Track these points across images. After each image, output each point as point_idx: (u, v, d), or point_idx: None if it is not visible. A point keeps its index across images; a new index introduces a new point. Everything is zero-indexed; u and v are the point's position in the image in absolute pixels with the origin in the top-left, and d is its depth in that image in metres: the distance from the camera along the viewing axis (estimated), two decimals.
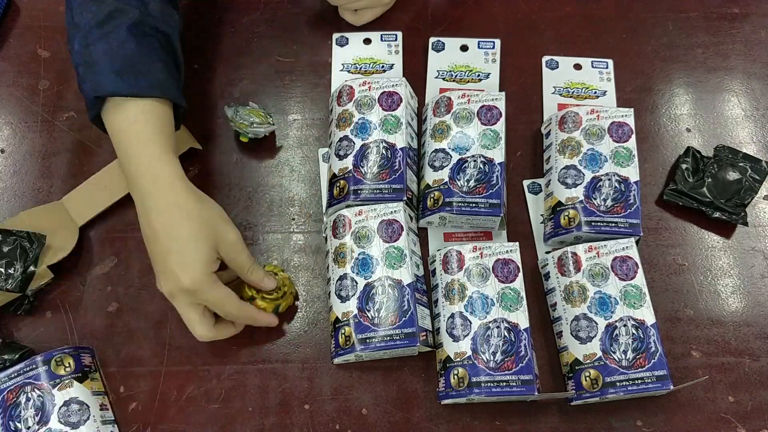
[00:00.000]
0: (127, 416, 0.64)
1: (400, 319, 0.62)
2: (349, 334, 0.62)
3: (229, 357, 0.66)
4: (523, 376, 0.61)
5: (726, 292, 0.69)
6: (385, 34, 0.80)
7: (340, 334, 0.63)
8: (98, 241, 0.71)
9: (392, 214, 0.66)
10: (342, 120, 0.72)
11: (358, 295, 0.63)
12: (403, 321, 0.62)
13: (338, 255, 0.66)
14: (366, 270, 0.64)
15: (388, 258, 0.64)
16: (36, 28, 0.82)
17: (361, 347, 0.61)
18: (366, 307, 0.63)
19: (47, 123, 0.77)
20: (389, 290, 0.63)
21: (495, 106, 0.72)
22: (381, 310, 0.62)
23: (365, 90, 0.72)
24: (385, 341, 0.61)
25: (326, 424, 0.64)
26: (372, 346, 0.61)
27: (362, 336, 0.62)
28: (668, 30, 0.83)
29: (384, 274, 0.64)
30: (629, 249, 0.65)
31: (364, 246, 0.65)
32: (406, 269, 0.64)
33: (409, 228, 0.67)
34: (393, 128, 0.70)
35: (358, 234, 0.65)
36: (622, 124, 0.71)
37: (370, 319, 0.62)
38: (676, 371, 0.65)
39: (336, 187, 0.69)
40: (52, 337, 0.67)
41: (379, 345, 0.61)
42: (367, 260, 0.64)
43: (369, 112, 0.71)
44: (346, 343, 0.62)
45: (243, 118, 0.72)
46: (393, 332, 0.61)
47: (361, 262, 0.64)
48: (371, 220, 0.66)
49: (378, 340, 0.61)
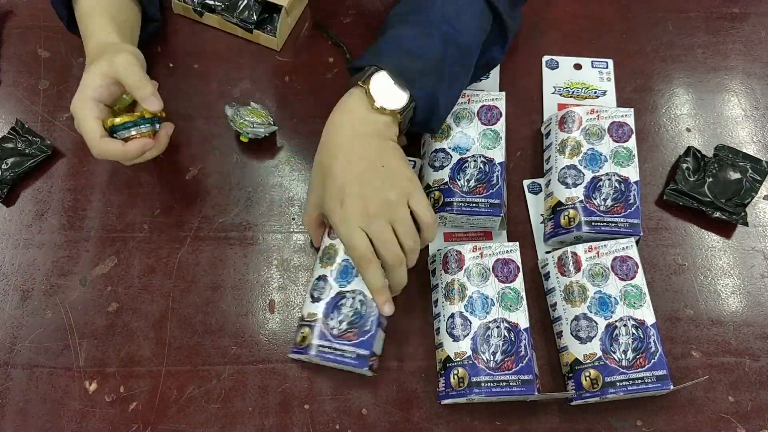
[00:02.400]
0: (127, 416, 0.64)
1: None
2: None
3: (229, 357, 0.66)
4: (523, 376, 0.61)
5: (726, 292, 0.69)
6: None
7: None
8: (98, 241, 0.71)
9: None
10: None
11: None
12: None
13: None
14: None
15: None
16: (36, 28, 0.82)
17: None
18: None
19: (47, 123, 0.77)
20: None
21: (495, 106, 0.72)
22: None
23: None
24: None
25: (326, 424, 0.63)
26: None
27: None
28: (668, 30, 0.83)
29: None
30: (629, 249, 0.65)
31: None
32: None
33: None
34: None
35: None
36: (622, 124, 0.71)
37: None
38: (676, 371, 0.65)
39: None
40: (52, 337, 0.67)
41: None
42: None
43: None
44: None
45: (243, 118, 0.72)
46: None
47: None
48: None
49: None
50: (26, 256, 0.70)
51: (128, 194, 0.73)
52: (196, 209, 0.73)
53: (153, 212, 0.72)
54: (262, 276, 0.70)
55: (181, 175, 0.74)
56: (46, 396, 0.64)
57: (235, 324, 0.68)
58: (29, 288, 0.69)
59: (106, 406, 0.64)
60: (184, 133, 0.76)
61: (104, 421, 0.63)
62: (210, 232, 0.72)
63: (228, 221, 0.72)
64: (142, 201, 0.73)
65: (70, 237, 0.71)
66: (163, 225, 0.72)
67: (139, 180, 0.74)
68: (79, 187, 0.74)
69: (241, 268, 0.70)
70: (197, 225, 0.72)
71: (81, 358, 0.66)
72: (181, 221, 0.72)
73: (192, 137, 0.76)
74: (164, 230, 0.72)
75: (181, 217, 0.72)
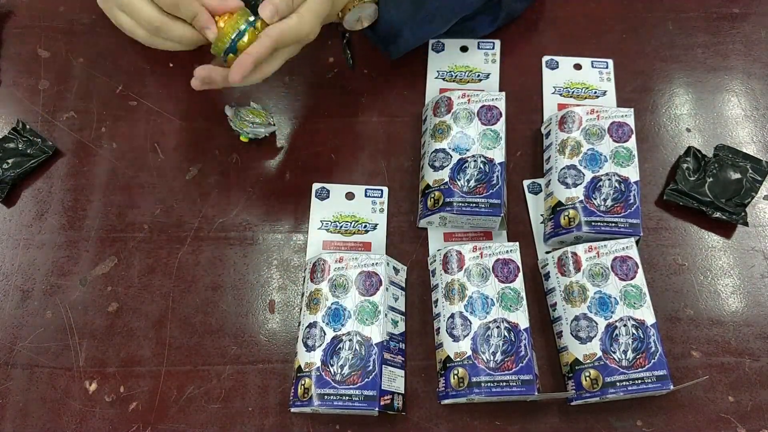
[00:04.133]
0: (127, 416, 0.64)
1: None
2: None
3: (229, 357, 0.66)
4: (523, 376, 0.61)
5: (726, 292, 0.69)
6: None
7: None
8: (98, 241, 0.71)
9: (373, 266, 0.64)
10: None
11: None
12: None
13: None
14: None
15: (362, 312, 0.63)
16: (36, 28, 0.82)
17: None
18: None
19: (47, 123, 0.77)
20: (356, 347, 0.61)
21: (495, 106, 0.72)
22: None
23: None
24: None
25: (326, 424, 0.63)
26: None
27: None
28: (668, 30, 0.83)
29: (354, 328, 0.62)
30: (629, 249, 0.65)
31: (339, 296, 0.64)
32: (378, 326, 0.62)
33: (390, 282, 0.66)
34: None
35: (335, 282, 0.64)
36: (622, 124, 0.71)
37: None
38: (676, 371, 0.65)
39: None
40: (52, 337, 0.67)
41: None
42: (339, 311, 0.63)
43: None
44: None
45: (243, 118, 0.72)
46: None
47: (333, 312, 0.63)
48: (351, 269, 0.64)
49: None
50: (26, 256, 0.70)
51: (128, 194, 0.73)
52: (196, 209, 0.73)
53: (153, 212, 0.72)
54: (262, 276, 0.70)
55: (181, 175, 0.74)
56: (46, 396, 0.64)
57: (235, 324, 0.68)
58: (29, 288, 0.69)
59: (106, 406, 0.64)
60: (184, 133, 0.76)
61: (104, 421, 0.63)
62: (210, 232, 0.72)
63: (228, 221, 0.72)
64: (142, 201, 0.73)
65: (70, 237, 0.71)
66: (163, 225, 0.72)
67: (139, 180, 0.74)
68: (79, 187, 0.74)
69: (241, 268, 0.70)
70: (197, 225, 0.72)
71: (81, 358, 0.66)
72: (181, 221, 0.72)
73: (192, 137, 0.76)
74: (164, 230, 0.72)
75: (181, 217, 0.72)
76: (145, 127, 0.77)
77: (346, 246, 0.70)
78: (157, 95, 0.79)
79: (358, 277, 0.64)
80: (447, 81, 0.79)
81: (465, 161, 0.69)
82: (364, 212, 0.72)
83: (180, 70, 0.80)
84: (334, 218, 0.72)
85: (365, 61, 0.80)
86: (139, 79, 0.80)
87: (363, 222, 0.72)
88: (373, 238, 0.71)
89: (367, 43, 0.81)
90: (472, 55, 0.80)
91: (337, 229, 0.71)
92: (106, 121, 0.77)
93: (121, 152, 0.75)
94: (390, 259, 0.66)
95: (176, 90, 0.79)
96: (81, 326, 0.67)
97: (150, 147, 0.76)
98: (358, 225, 0.72)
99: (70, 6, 0.83)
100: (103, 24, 0.83)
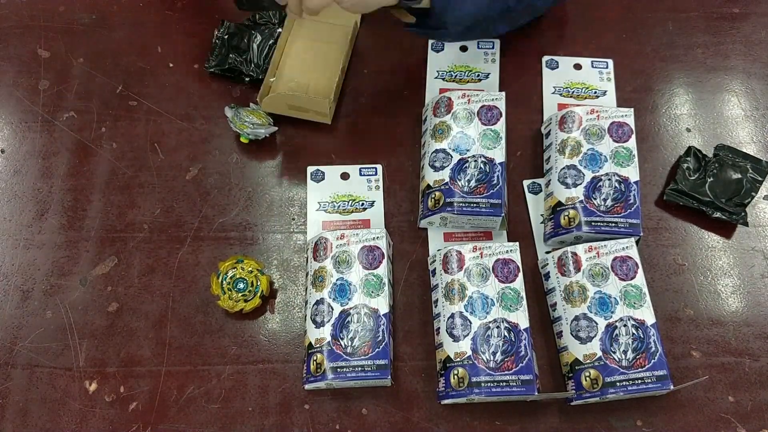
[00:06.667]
0: (127, 416, 0.64)
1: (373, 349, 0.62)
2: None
3: (229, 357, 0.66)
4: (523, 376, 0.61)
5: (726, 292, 0.69)
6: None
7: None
8: (98, 241, 0.71)
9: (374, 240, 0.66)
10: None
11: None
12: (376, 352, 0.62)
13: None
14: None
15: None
16: (36, 28, 0.82)
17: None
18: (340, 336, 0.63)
19: (47, 123, 0.77)
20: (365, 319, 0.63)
21: (495, 106, 0.72)
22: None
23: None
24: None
25: (326, 424, 0.64)
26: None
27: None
28: (668, 30, 0.83)
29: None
30: (629, 249, 0.65)
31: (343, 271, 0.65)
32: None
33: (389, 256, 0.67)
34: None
35: (339, 258, 0.66)
36: (622, 124, 0.71)
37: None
38: (676, 371, 0.65)
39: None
40: (52, 337, 0.67)
41: None
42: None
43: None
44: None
45: (243, 119, 0.72)
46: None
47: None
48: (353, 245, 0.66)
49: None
50: (26, 256, 0.70)
51: (128, 194, 0.73)
52: (196, 209, 0.73)
53: (153, 212, 0.72)
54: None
55: (181, 175, 0.74)
56: (46, 396, 0.64)
57: (235, 324, 0.68)
58: (29, 288, 0.69)
59: (106, 406, 0.64)
60: (184, 133, 0.76)
61: (104, 421, 0.63)
62: (210, 232, 0.72)
63: (228, 221, 0.72)
64: (142, 201, 0.73)
65: (70, 237, 0.71)
66: (163, 225, 0.72)
67: (139, 180, 0.74)
68: (79, 187, 0.74)
69: None
70: (197, 225, 0.72)
71: (81, 358, 0.66)
72: (181, 221, 0.72)
73: (192, 137, 0.76)
74: (164, 230, 0.72)
75: (181, 217, 0.72)
76: (145, 127, 0.77)
77: (346, 225, 0.71)
78: (157, 95, 0.79)
79: (361, 251, 0.66)
80: (447, 81, 0.79)
81: (465, 161, 0.69)
82: (361, 191, 0.73)
83: (180, 70, 0.80)
84: (331, 199, 0.72)
85: (365, 60, 0.80)
86: (139, 79, 0.80)
87: (360, 200, 0.72)
88: (371, 215, 0.72)
89: (367, 43, 0.81)
90: (472, 54, 0.80)
91: (335, 209, 0.72)
92: (106, 121, 0.77)
93: (121, 152, 0.75)
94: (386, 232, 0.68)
95: (176, 90, 0.79)
96: (81, 326, 0.67)
97: (150, 147, 0.76)
98: (356, 203, 0.72)
99: (70, 6, 0.83)
100: (103, 24, 0.83)
